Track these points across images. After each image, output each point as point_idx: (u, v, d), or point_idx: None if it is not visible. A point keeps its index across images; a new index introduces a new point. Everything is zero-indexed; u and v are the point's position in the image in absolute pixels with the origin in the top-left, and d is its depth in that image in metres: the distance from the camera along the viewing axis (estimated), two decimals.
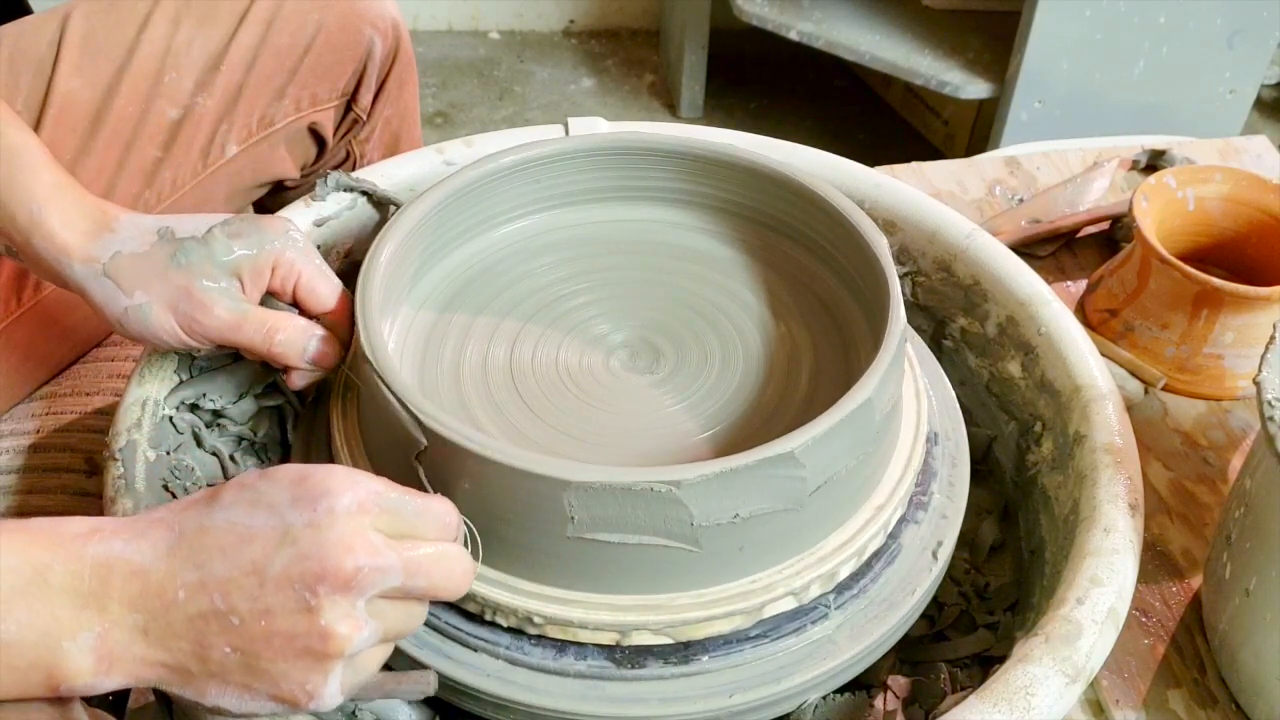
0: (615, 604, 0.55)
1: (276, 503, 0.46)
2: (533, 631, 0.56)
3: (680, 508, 0.52)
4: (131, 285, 0.60)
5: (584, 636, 0.56)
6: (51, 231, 0.60)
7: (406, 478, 0.57)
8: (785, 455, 0.53)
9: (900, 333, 0.59)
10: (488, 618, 0.57)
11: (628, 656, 0.56)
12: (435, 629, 0.57)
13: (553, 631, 0.56)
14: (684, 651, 0.57)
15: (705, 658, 0.57)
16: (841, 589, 0.59)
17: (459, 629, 0.57)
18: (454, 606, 0.57)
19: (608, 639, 0.56)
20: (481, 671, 0.56)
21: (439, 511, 0.50)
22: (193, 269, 0.60)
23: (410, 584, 0.47)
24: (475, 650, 0.57)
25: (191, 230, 0.61)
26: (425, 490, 0.53)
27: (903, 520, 0.62)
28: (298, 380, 0.63)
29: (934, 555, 0.62)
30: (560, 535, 0.53)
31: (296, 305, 0.63)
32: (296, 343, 0.61)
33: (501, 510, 0.53)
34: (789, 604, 0.57)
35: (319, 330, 0.62)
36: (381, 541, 0.46)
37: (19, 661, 0.44)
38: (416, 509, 0.48)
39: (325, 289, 0.63)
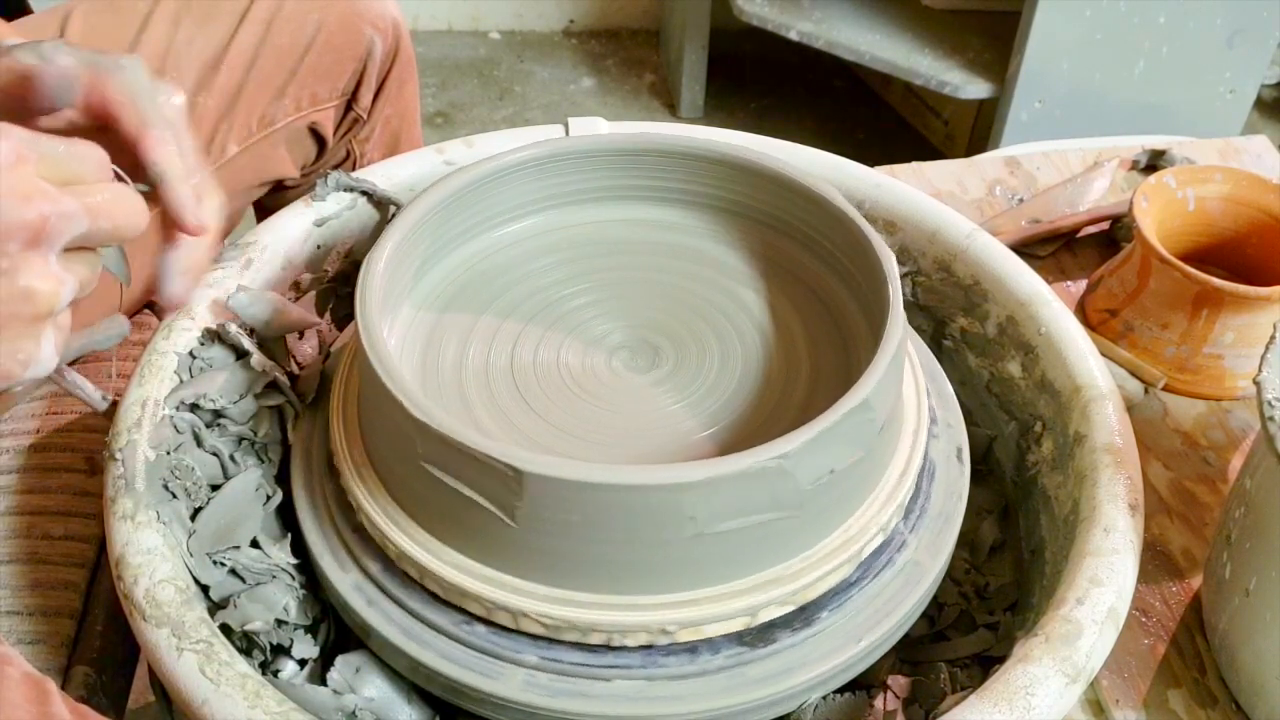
0: (738, 589, 0.56)
1: None
2: (664, 642, 0.56)
3: (788, 477, 0.53)
4: None
5: (713, 631, 0.56)
6: None
7: (411, 479, 0.57)
8: (863, 404, 0.55)
9: (901, 322, 0.59)
10: (615, 644, 0.56)
11: (757, 635, 0.57)
12: (561, 673, 0.56)
13: (685, 636, 0.56)
14: (804, 614, 0.58)
15: (824, 613, 0.58)
16: (908, 514, 0.62)
17: (586, 664, 0.56)
18: (577, 645, 0.56)
19: (740, 625, 0.56)
20: (624, 698, 0.55)
21: (93, 153, 0.46)
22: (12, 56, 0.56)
23: (95, 228, 0.44)
24: (609, 680, 0.56)
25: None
26: None
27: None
28: None
29: (959, 459, 0.66)
30: (679, 539, 0.53)
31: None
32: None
33: (607, 533, 0.53)
34: (879, 540, 0.59)
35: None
36: (55, 189, 0.43)
37: None
38: (72, 152, 0.45)
39: (131, 115, 0.56)
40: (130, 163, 0.56)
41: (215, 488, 0.64)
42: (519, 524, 0.53)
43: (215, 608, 0.60)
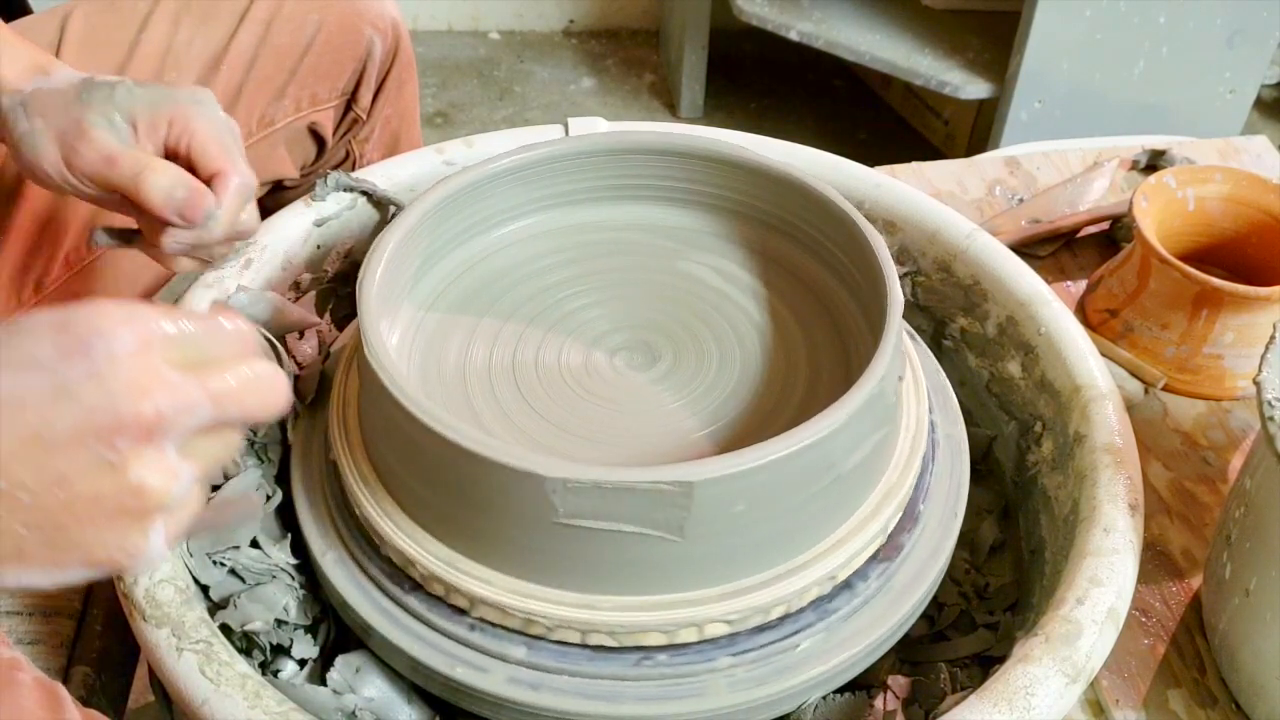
0: (740, 588, 0.56)
1: (40, 358, 0.40)
2: (665, 642, 0.56)
3: (825, 454, 0.54)
4: (35, 113, 0.61)
5: (716, 631, 0.56)
6: None
7: (415, 480, 0.57)
8: (880, 383, 0.56)
9: (899, 317, 0.59)
10: (625, 644, 0.56)
11: (758, 634, 0.57)
12: (560, 672, 0.56)
13: (686, 636, 0.56)
14: (805, 614, 0.58)
15: (825, 613, 0.58)
16: (909, 513, 0.62)
17: (586, 665, 0.56)
18: (583, 645, 0.56)
19: (749, 623, 0.56)
20: (624, 697, 0.56)
21: (232, 329, 0.44)
22: (92, 105, 0.60)
23: (222, 414, 0.42)
24: (608, 680, 0.56)
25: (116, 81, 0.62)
26: None
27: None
28: (166, 241, 0.60)
29: (958, 458, 0.67)
30: (711, 534, 0.54)
31: (193, 170, 0.62)
32: (162, 186, 0.58)
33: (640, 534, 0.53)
34: (880, 540, 0.60)
35: (195, 183, 0.59)
36: (178, 377, 0.41)
37: None
38: (207, 331, 0.43)
39: (215, 150, 0.60)
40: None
41: (215, 487, 0.64)
42: (686, 537, 0.53)
43: (215, 608, 0.60)
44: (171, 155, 0.61)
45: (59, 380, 0.39)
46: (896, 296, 0.60)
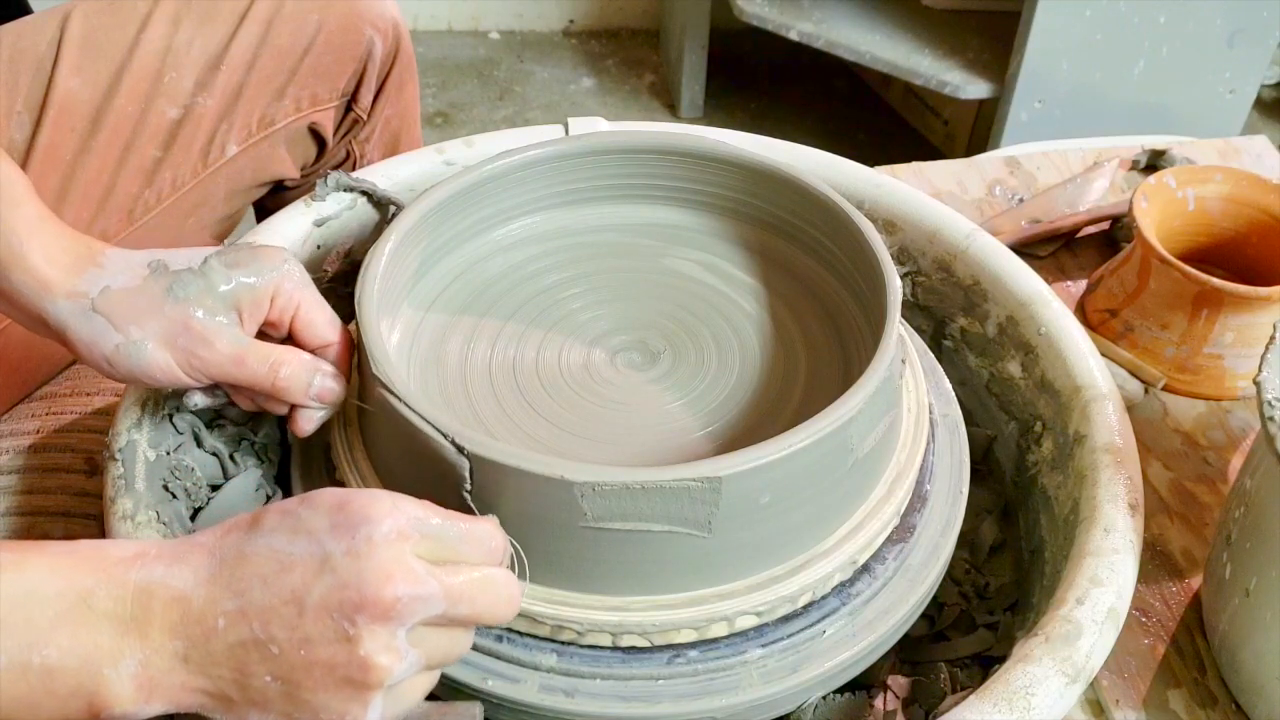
0: (741, 588, 0.56)
1: (316, 529, 0.45)
2: (666, 642, 0.56)
3: (844, 440, 0.54)
4: (124, 321, 0.56)
5: (717, 631, 0.56)
6: (33, 266, 0.56)
7: (419, 483, 0.57)
8: (890, 366, 0.56)
9: (898, 316, 0.60)
10: (628, 644, 0.56)
11: (758, 634, 0.57)
12: (567, 673, 0.56)
13: (686, 636, 0.56)
14: (805, 614, 0.58)
15: (825, 613, 0.58)
16: (909, 513, 0.63)
17: (587, 665, 0.56)
18: (588, 647, 0.56)
19: (747, 623, 0.56)
20: (624, 697, 0.56)
21: (483, 535, 0.48)
22: (190, 302, 0.57)
23: (453, 611, 0.46)
24: (607, 680, 0.56)
25: (186, 262, 0.58)
26: (470, 513, 0.52)
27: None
28: (303, 423, 0.61)
29: (959, 458, 0.67)
30: (721, 533, 0.54)
31: (291, 338, 0.61)
32: (301, 377, 0.59)
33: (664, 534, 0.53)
34: (881, 540, 0.60)
35: (325, 365, 0.60)
36: (423, 569, 0.45)
37: (60, 688, 0.43)
38: (460, 534, 0.47)
39: (322, 320, 0.60)
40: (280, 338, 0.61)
41: (215, 488, 0.64)
42: (713, 533, 0.53)
43: None
44: (273, 325, 0.60)
45: (324, 551, 0.45)
46: (895, 285, 0.60)
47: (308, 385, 0.59)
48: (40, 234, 0.58)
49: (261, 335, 0.60)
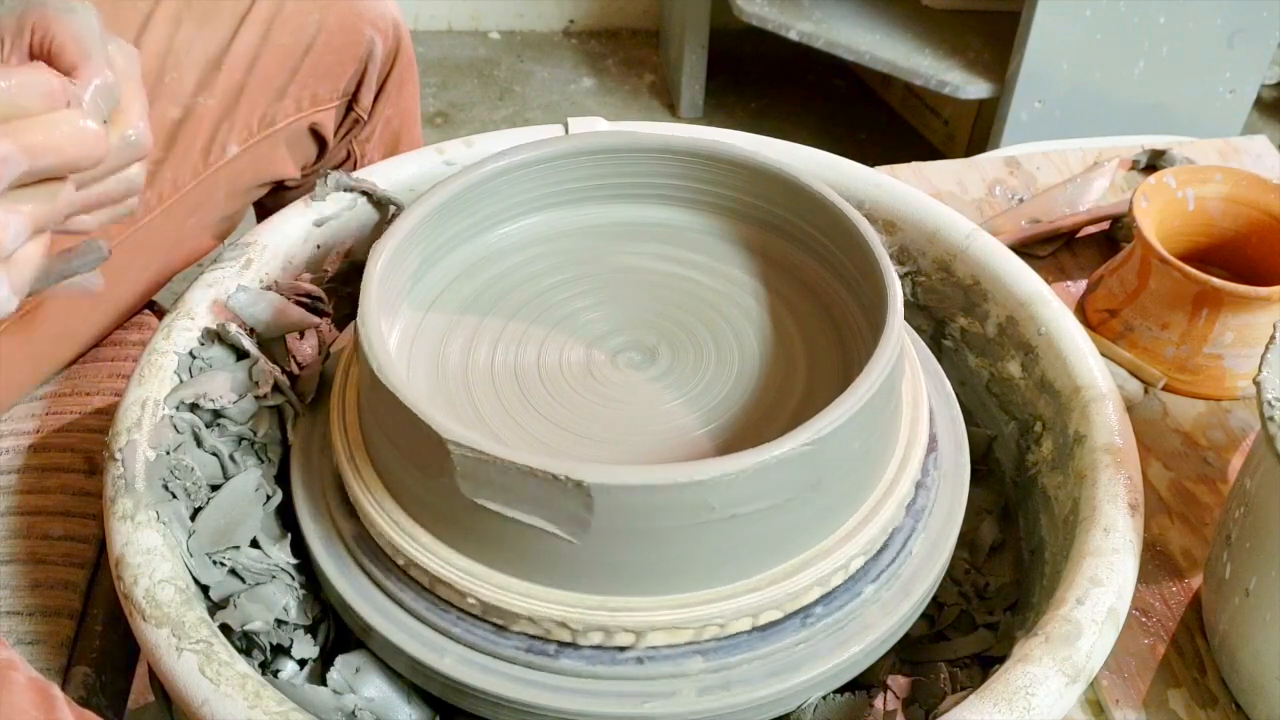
0: (740, 589, 0.56)
1: None
2: (666, 641, 0.56)
3: (844, 440, 0.54)
4: None
5: (717, 631, 0.56)
6: None
7: (420, 485, 0.57)
8: (890, 368, 0.56)
9: (900, 316, 0.60)
10: (623, 643, 0.56)
11: (758, 634, 0.57)
12: (561, 672, 0.56)
13: (684, 637, 0.56)
14: (805, 614, 0.58)
15: (825, 613, 0.58)
16: (909, 513, 0.62)
17: (586, 665, 0.56)
18: (577, 645, 0.56)
19: (743, 625, 0.56)
20: (624, 696, 0.56)
21: (38, 80, 0.44)
22: None
23: (38, 165, 0.43)
24: (607, 680, 0.56)
25: None
26: None
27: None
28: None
29: (958, 458, 0.67)
30: (701, 536, 0.53)
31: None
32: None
33: (645, 534, 0.53)
34: (881, 540, 0.60)
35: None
36: None
37: None
38: (14, 86, 0.43)
39: (73, 49, 0.53)
40: None
41: (215, 488, 0.64)
42: (583, 540, 0.53)
43: (215, 608, 0.60)
44: (35, 57, 0.54)
45: None
46: (895, 285, 0.60)
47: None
48: None
49: None
